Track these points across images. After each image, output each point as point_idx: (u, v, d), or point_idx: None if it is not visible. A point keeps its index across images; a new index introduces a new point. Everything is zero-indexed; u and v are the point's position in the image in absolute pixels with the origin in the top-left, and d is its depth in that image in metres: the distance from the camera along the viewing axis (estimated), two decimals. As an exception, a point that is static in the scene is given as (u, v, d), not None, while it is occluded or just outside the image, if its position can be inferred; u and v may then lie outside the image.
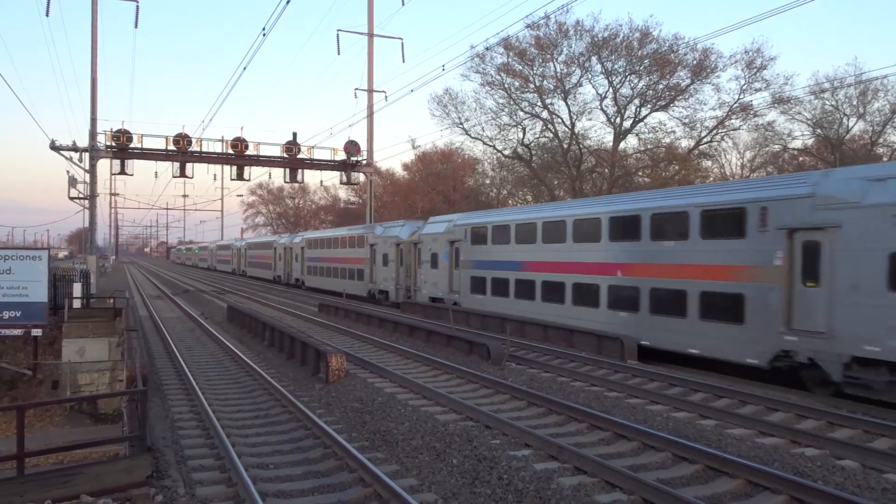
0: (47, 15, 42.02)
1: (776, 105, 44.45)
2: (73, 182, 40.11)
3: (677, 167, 46.77)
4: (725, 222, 15.61)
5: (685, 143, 48.54)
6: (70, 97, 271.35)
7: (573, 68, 46.78)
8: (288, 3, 20.74)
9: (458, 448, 9.74)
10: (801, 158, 49.75)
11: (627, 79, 46.26)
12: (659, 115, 48.42)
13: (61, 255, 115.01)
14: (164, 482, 8.59)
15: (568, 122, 48.68)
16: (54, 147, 39.44)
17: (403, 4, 43.46)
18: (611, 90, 46.95)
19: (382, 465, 9.29)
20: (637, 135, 49.19)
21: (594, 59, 45.97)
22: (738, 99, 44.48)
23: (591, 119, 52.98)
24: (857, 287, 12.72)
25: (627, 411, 11.95)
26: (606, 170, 48.56)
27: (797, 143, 49.91)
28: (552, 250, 21.79)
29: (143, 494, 8.10)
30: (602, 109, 48.04)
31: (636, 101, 47.07)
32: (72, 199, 40.87)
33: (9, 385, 26.94)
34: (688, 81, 45.14)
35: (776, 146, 50.10)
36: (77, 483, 8.22)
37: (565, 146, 49.06)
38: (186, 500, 8.11)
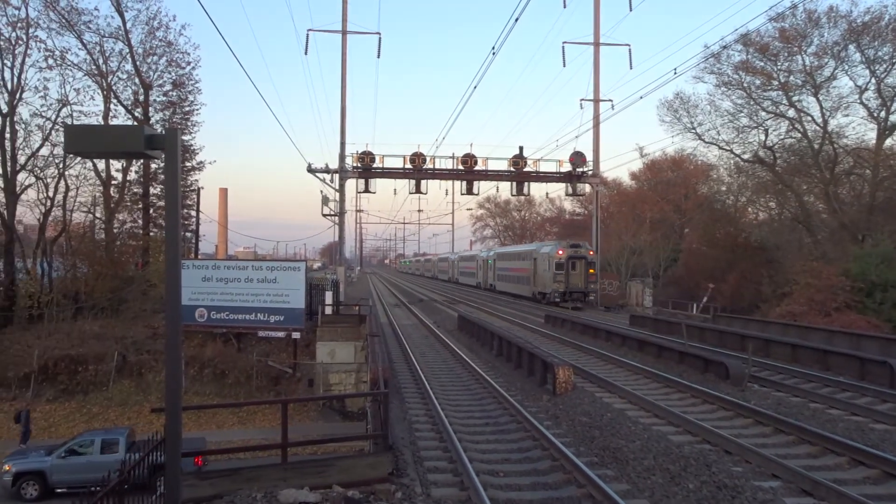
0: (306, 53, 47.45)
1: None
2: (325, 200, 44.82)
3: (963, 165, 39.92)
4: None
5: (976, 137, 41.30)
6: (322, 123, 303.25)
7: (825, 59, 42.11)
8: (517, 21, 21.26)
9: (695, 472, 9.15)
10: None
11: (895, 66, 40.59)
12: (938, 105, 41.77)
13: (315, 266, 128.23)
14: (403, 480, 9.15)
15: (819, 120, 43.86)
16: (310, 170, 44.35)
17: (631, 10, 42.45)
18: (873, 81, 41.46)
19: (612, 483, 9.01)
20: (909, 130, 42.89)
21: (852, 47, 40.96)
22: None
23: (847, 115, 46.85)
24: None
25: (900, 448, 10.37)
26: (868, 171, 42.90)
27: None
28: None
29: (385, 490, 8.71)
30: (862, 103, 42.58)
31: (906, 91, 41.07)
32: (324, 215, 45.61)
33: (274, 381, 30.80)
34: (981, 62, 38.42)
35: None
36: (330, 474, 9.07)
37: (816, 147, 44.19)
38: (423, 500, 8.55)
